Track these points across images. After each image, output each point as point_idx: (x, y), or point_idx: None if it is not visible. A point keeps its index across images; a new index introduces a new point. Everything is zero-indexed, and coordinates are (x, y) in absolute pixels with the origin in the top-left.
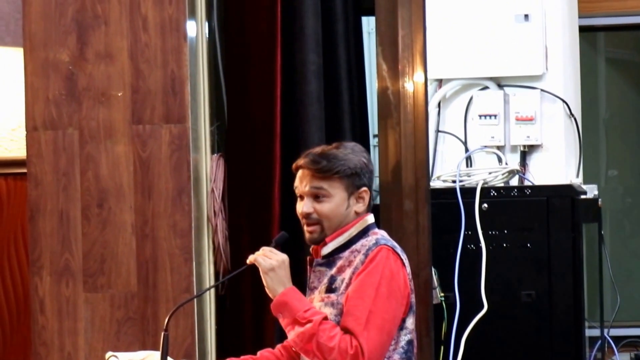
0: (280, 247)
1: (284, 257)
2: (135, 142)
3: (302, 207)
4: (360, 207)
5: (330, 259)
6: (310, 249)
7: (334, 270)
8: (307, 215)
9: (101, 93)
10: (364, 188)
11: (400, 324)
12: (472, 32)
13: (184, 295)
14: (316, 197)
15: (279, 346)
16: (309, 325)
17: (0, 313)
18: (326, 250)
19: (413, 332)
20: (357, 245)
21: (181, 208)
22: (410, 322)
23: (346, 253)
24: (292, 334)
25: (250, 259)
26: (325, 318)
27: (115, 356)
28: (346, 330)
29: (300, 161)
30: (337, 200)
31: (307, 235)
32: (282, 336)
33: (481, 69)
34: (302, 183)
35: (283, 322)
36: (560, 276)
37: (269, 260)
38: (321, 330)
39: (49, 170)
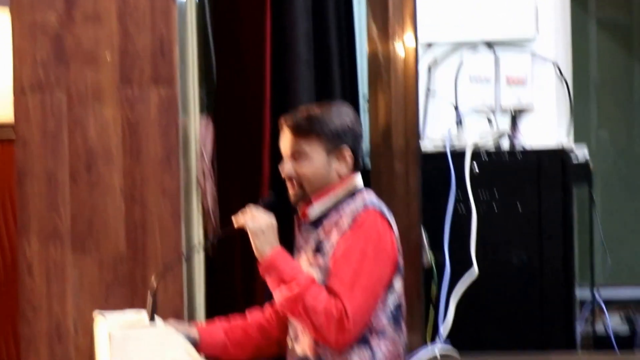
0: (269, 208)
1: (272, 218)
2: (124, 104)
3: (284, 167)
4: (343, 167)
5: (317, 221)
6: (298, 211)
7: (320, 232)
8: (288, 176)
9: (89, 55)
10: (345, 147)
11: (387, 286)
12: None
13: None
14: (296, 157)
15: (269, 309)
16: (295, 287)
17: None
18: (313, 212)
19: (402, 296)
20: (344, 207)
21: (170, 171)
22: (398, 285)
23: (333, 215)
24: (279, 295)
25: (239, 221)
26: (313, 280)
27: (103, 315)
28: (331, 292)
29: (282, 120)
30: (316, 161)
31: (290, 193)
32: (272, 299)
33: (472, 31)
34: (283, 143)
35: (270, 283)
36: (550, 238)
37: (258, 222)
38: (308, 292)
39: (37, 133)
